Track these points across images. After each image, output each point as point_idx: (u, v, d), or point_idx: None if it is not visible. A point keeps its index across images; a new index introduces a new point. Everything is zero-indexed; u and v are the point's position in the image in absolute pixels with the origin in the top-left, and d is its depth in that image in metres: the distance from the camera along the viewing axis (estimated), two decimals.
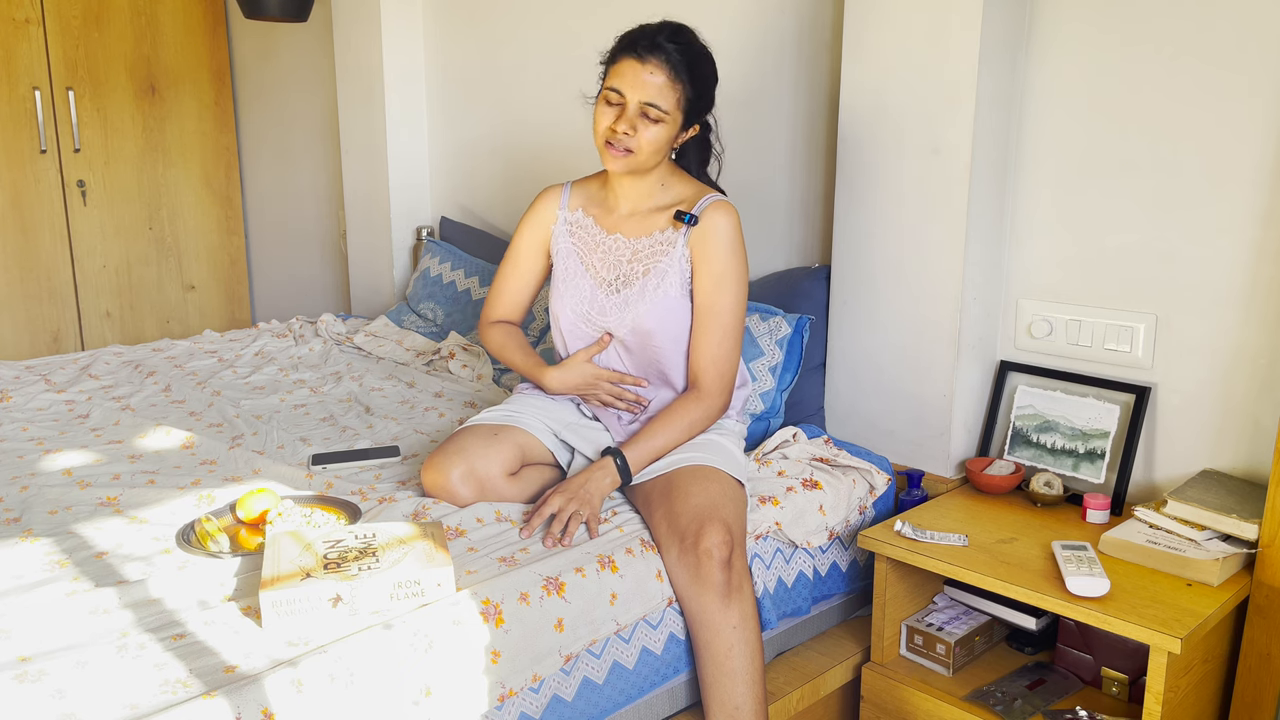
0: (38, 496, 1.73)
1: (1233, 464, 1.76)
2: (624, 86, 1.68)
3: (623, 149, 1.70)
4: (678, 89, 1.68)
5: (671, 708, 1.62)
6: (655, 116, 1.68)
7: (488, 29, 2.98)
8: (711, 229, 1.74)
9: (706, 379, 1.75)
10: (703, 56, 1.72)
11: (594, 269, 1.82)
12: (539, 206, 1.90)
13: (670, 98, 1.67)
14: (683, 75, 1.67)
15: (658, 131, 1.69)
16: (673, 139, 1.73)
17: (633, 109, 1.68)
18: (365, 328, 2.92)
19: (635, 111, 1.68)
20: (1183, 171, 1.75)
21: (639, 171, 1.75)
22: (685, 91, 1.69)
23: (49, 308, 3.70)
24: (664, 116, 1.68)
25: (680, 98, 1.69)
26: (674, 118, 1.70)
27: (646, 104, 1.67)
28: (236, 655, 1.22)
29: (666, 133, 1.70)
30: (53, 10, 3.55)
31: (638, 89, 1.67)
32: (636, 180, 1.78)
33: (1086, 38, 1.82)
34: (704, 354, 1.75)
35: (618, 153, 1.70)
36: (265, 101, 3.92)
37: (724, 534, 1.54)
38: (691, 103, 1.71)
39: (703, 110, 1.76)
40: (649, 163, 1.73)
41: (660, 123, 1.69)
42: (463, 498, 1.66)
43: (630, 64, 1.67)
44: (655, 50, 1.66)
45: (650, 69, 1.66)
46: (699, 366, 1.76)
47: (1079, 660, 1.73)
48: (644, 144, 1.69)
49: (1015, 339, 1.99)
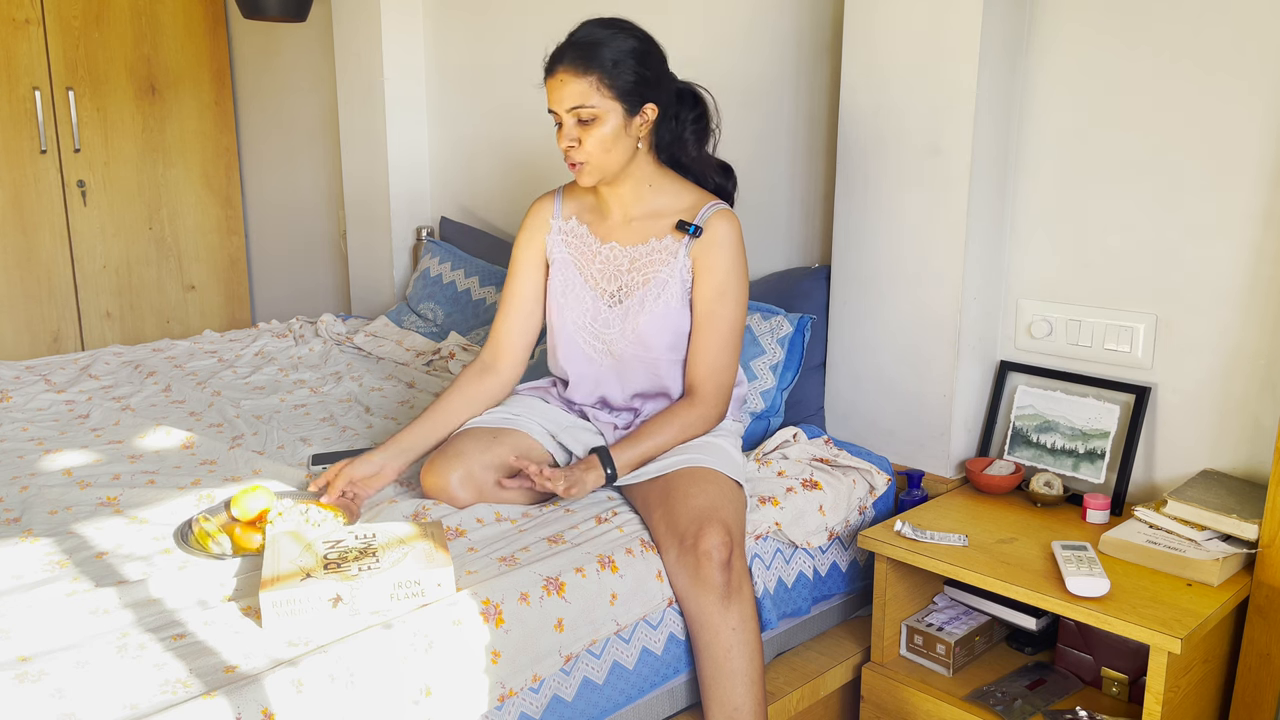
0: (38, 496, 1.73)
1: (1233, 464, 1.76)
2: (551, 104, 1.68)
3: (577, 162, 1.69)
4: (593, 80, 1.63)
5: (671, 708, 1.62)
6: (586, 117, 1.65)
7: (488, 28, 2.98)
8: (714, 239, 1.73)
9: (705, 388, 1.74)
10: (617, 37, 1.65)
11: (593, 280, 1.81)
12: (531, 219, 1.88)
13: (590, 94, 1.64)
14: (594, 65, 1.63)
15: (599, 130, 1.66)
16: (623, 131, 1.68)
17: (567, 122, 1.67)
18: (365, 328, 2.92)
19: (570, 122, 1.67)
20: (1183, 171, 1.75)
21: (609, 178, 1.73)
22: (604, 79, 1.64)
23: (49, 308, 3.70)
24: (595, 113, 1.65)
25: (601, 86, 1.64)
26: (609, 108, 1.65)
27: (572, 110, 1.65)
28: (236, 655, 1.22)
29: (611, 127, 1.66)
30: (53, 10, 3.55)
31: (559, 101, 1.66)
32: (617, 185, 1.77)
33: (1087, 38, 1.82)
34: (703, 363, 1.74)
35: (576, 166, 1.70)
36: (265, 101, 3.93)
37: (723, 535, 1.54)
38: (622, 86, 1.65)
39: (646, 90, 1.67)
40: (609, 164, 1.70)
41: (595, 121, 1.65)
42: (462, 500, 1.66)
43: (548, 83, 1.68)
44: (560, 58, 1.66)
45: (560, 78, 1.65)
46: (697, 375, 1.75)
47: (1079, 660, 1.73)
48: (591, 149, 1.67)
49: (1015, 339, 1.99)
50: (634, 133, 1.70)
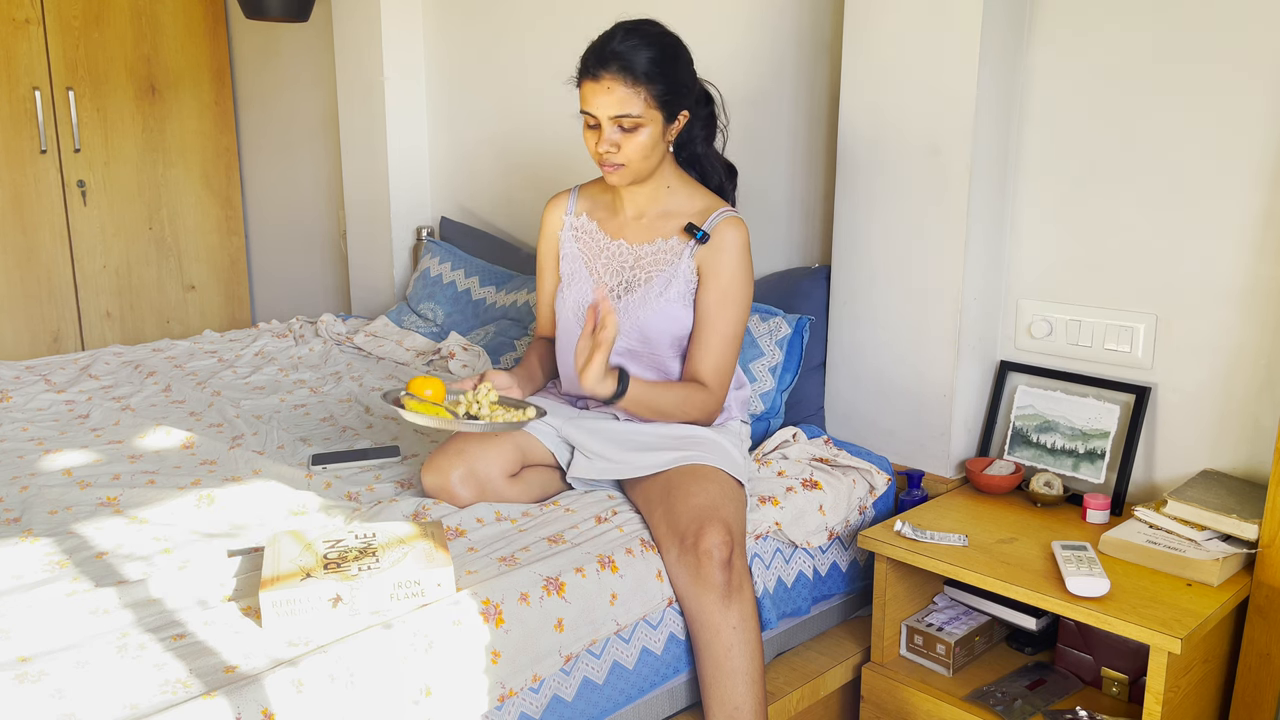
0: (38, 496, 1.73)
1: (1233, 464, 1.76)
2: (591, 109, 1.68)
3: (614, 165, 1.70)
4: (640, 91, 1.65)
5: (671, 708, 1.62)
6: (630, 125, 1.67)
7: (488, 28, 2.98)
8: (721, 245, 1.74)
9: (711, 381, 1.75)
10: (661, 47, 1.68)
11: (597, 274, 1.84)
12: (546, 218, 1.93)
13: (636, 103, 1.65)
14: (641, 75, 1.64)
15: (640, 138, 1.68)
16: (661, 136, 1.71)
17: (607, 127, 1.68)
18: (365, 328, 2.92)
19: (611, 128, 1.67)
20: (1183, 171, 1.75)
21: (641, 179, 1.76)
22: (651, 90, 1.66)
23: (49, 308, 3.70)
24: (639, 121, 1.67)
25: (648, 97, 1.66)
26: (651, 117, 1.68)
27: (616, 118, 1.66)
28: (236, 655, 1.22)
29: (650, 135, 1.69)
30: (53, 10, 3.55)
31: (602, 107, 1.66)
32: (641, 185, 1.79)
33: (1087, 38, 1.82)
34: (704, 363, 1.75)
35: (612, 169, 1.71)
36: (265, 101, 3.93)
37: (724, 534, 1.54)
38: (664, 97, 1.67)
39: (683, 97, 1.72)
40: (645, 168, 1.73)
41: (638, 129, 1.67)
42: (463, 499, 1.66)
43: (588, 85, 1.67)
44: (606, 63, 1.65)
45: (606, 84, 1.65)
46: (702, 370, 1.75)
47: (1079, 660, 1.73)
48: (631, 154, 1.69)
49: (1015, 339, 1.99)
50: (668, 138, 1.74)
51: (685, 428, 1.77)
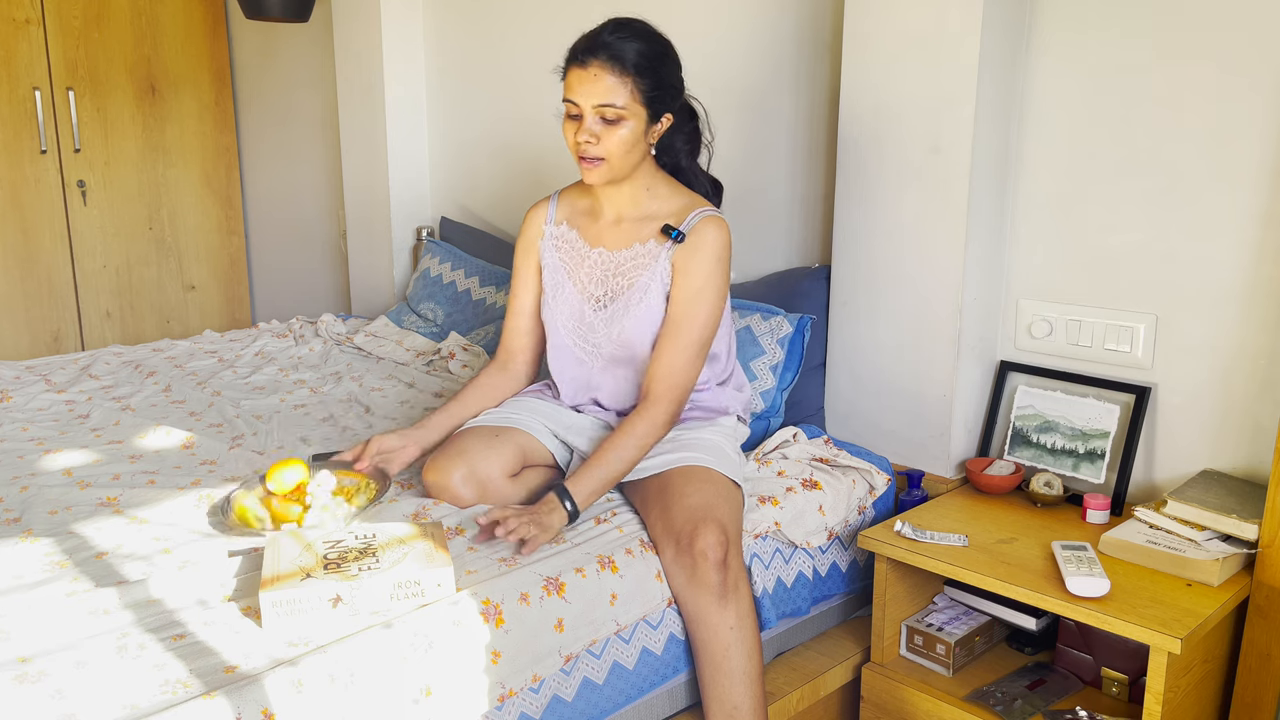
0: (38, 496, 1.73)
1: (1233, 464, 1.76)
2: (575, 96, 1.65)
3: (593, 159, 1.67)
4: (628, 82, 1.63)
5: (671, 708, 1.63)
6: (613, 117, 1.64)
7: (488, 29, 2.98)
8: (697, 243, 1.71)
9: (657, 390, 1.69)
10: (651, 43, 1.66)
11: (580, 284, 1.81)
12: (525, 228, 1.89)
13: (622, 94, 1.63)
14: (630, 67, 1.63)
15: (621, 132, 1.65)
16: (642, 136, 1.68)
17: (589, 116, 1.65)
18: (365, 328, 2.92)
19: (593, 118, 1.65)
20: (1183, 171, 1.75)
21: (618, 178, 1.72)
22: (638, 84, 1.64)
23: (49, 308, 3.70)
24: (622, 114, 1.64)
25: (634, 90, 1.63)
26: (634, 112, 1.65)
27: (599, 106, 1.63)
28: (236, 655, 1.22)
29: (632, 131, 1.66)
30: (53, 10, 3.55)
31: (587, 95, 1.64)
32: (620, 186, 1.76)
33: (1087, 37, 1.82)
34: (662, 363, 1.70)
35: (590, 164, 1.68)
36: (265, 101, 3.93)
37: (719, 535, 1.54)
38: (649, 93, 1.65)
39: (668, 99, 1.69)
40: (624, 166, 1.69)
41: (620, 122, 1.65)
42: (464, 499, 1.66)
43: (575, 72, 1.65)
44: (595, 51, 1.63)
45: (594, 71, 1.63)
46: (654, 374, 1.71)
47: (1079, 660, 1.73)
48: (611, 148, 1.66)
49: (1015, 339, 1.99)
50: (649, 139, 1.71)
51: (682, 430, 1.77)
